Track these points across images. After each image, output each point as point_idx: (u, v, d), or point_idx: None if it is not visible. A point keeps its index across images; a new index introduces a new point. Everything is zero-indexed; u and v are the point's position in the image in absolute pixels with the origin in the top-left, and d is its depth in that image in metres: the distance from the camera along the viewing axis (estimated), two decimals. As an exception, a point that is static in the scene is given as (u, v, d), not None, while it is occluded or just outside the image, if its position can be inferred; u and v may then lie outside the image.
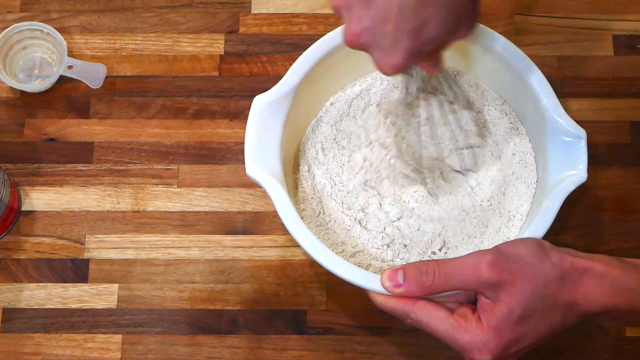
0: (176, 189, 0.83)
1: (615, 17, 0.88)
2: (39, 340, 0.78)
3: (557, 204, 0.68)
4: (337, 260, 0.67)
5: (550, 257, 0.60)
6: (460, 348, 0.61)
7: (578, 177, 0.69)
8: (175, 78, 0.86)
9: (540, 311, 0.59)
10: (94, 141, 0.84)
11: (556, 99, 0.71)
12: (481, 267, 0.59)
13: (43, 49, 0.87)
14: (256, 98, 0.72)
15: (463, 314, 0.61)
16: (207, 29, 0.88)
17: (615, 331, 0.78)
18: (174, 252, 0.80)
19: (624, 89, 0.85)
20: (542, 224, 0.68)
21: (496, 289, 0.59)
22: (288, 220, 0.68)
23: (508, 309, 0.59)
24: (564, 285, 0.59)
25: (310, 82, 0.74)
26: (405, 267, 0.63)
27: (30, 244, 0.81)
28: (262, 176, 0.69)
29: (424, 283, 0.61)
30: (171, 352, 0.78)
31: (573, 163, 0.70)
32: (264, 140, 0.71)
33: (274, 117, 0.71)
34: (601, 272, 0.60)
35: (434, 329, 0.62)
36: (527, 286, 0.59)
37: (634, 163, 0.83)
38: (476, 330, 0.59)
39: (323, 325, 0.78)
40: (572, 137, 0.70)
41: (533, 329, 0.59)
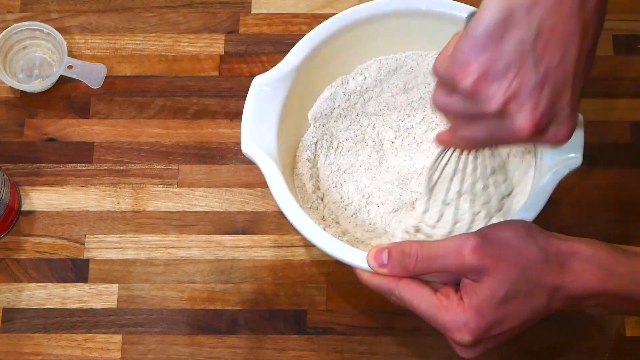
0: (176, 189, 0.83)
1: (615, 17, 0.88)
2: (39, 340, 0.78)
3: (550, 187, 0.68)
4: (326, 237, 0.67)
5: (537, 240, 0.59)
6: (441, 327, 0.60)
7: (574, 161, 0.69)
8: (175, 78, 0.86)
9: (524, 293, 0.58)
10: (94, 141, 0.84)
11: None
12: (464, 251, 0.59)
13: (43, 49, 0.87)
14: (255, 78, 0.72)
15: (445, 293, 0.61)
16: (207, 29, 0.88)
17: (615, 331, 0.78)
18: (174, 252, 0.80)
19: (624, 89, 0.85)
20: (534, 206, 0.67)
21: (479, 273, 0.59)
22: (280, 196, 0.68)
23: (490, 291, 0.58)
24: (550, 268, 0.59)
25: (313, 65, 0.74)
26: (390, 248, 0.63)
27: (30, 244, 0.81)
28: (256, 153, 0.69)
29: (407, 265, 0.61)
30: (171, 352, 0.78)
31: (569, 147, 0.69)
32: (261, 119, 0.71)
33: (272, 97, 0.72)
34: (589, 256, 0.59)
35: (416, 307, 0.61)
36: (510, 269, 0.58)
37: (634, 163, 0.83)
38: (457, 309, 0.59)
39: (323, 325, 0.78)
40: None
41: (516, 311, 0.59)
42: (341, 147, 0.77)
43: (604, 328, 0.78)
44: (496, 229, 0.61)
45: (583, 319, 0.78)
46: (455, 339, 0.60)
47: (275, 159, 0.70)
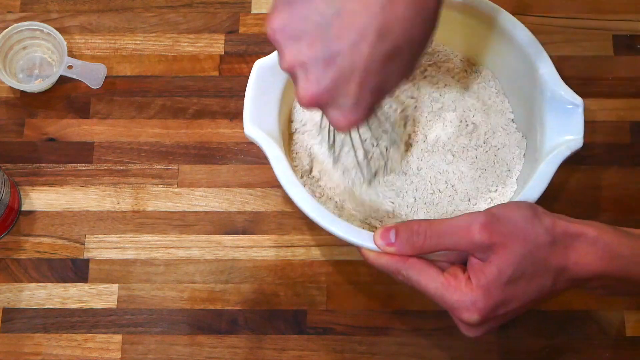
0: (176, 189, 0.83)
1: (615, 17, 0.88)
2: (39, 340, 0.78)
3: (552, 167, 0.69)
4: (332, 219, 0.67)
5: (543, 221, 0.60)
6: (449, 307, 0.60)
7: (575, 142, 0.70)
8: (175, 78, 0.86)
9: (530, 274, 0.59)
10: (94, 141, 0.84)
11: (553, 68, 0.72)
12: (473, 228, 0.59)
13: (43, 49, 0.87)
14: (257, 62, 0.73)
15: (453, 273, 0.61)
16: (207, 29, 0.88)
17: (615, 331, 0.78)
18: (174, 252, 0.80)
19: (624, 89, 0.85)
20: (537, 187, 0.68)
21: (487, 251, 0.59)
22: (284, 178, 0.69)
23: (498, 270, 0.59)
24: (555, 249, 0.59)
25: None
26: (397, 226, 0.63)
27: (30, 244, 0.81)
28: (259, 135, 0.70)
29: (415, 243, 0.61)
30: (171, 352, 0.78)
31: (570, 129, 0.70)
32: (262, 103, 0.72)
33: (273, 81, 0.72)
34: (593, 238, 0.60)
35: (423, 286, 0.61)
36: (518, 249, 0.59)
37: (634, 163, 0.83)
38: (465, 289, 0.59)
39: (323, 325, 0.78)
40: (570, 104, 0.71)
41: (522, 291, 0.59)
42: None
43: (604, 328, 0.78)
44: (504, 209, 0.61)
45: (583, 319, 0.78)
46: (463, 318, 0.60)
47: (277, 140, 0.70)
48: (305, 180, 0.75)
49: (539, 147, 0.72)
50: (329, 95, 0.57)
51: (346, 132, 0.72)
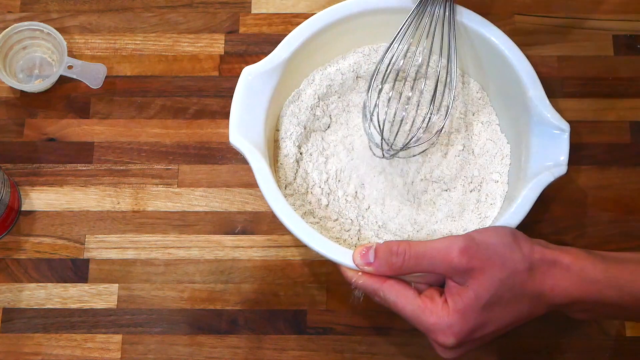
0: (176, 189, 0.83)
1: (615, 17, 0.88)
2: (39, 340, 0.78)
3: (534, 193, 0.69)
4: (313, 234, 0.67)
5: (521, 248, 0.60)
6: (425, 330, 0.61)
7: (558, 169, 0.70)
8: (175, 78, 0.86)
9: (507, 300, 0.60)
10: (94, 141, 0.84)
11: (543, 92, 0.72)
12: (452, 252, 0.60)
13: (43, 49, 0.87)
14: (245, 68, 0.72)
15: (430, 296, 0.61)
16: (207, 29, 0.88)
17: (615, 331, 0.78)
18: (174, 252, 0.80)
19: (624, 89, 0.85)
20: (518, 213, 0.68)
21: (465, 275, 0.60)
22: (267, 191, 0.68)
23: (475, 295, 0.59)
24: (533, 275, 0.60)
25: (301, 57, 0.74)
26: (377, 246, 0.63)
27: (30, 244, 0.81)
28: (244, 146, 0.69)
29: (393, 264, 0.62)
30: (171, 352, 0.78)
31: (555, 155, 0.70)
32: (249, 111, 0.71)
33: (261, 89, 0.72)
34: (568, 264, 0.60)
35: (400, 308, 0.62)
36: (496, 274, 0.59)
37: (634, 163, 0.83)
38: (441, 312, 0.60)
39: (323, 325, 0.78)
40: (557, 129, 0.71)
41: (499, 316, 0.60)
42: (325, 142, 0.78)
43: (604, 328, 0.78)
44: (483, 234, 0.62)
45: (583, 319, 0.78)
46: (439, 341, 0.60)
47: (262, 150, 0.70)
48: (288, 191, 0.75)
49: (523, 168, 0.72)
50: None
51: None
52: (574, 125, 0.84)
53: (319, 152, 0.77)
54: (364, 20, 0.76)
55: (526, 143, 0.72)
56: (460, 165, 0.77)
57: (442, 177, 0.76)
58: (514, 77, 0.73)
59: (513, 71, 0.73)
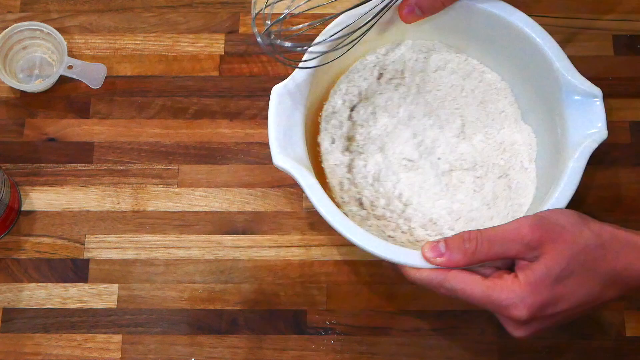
0: (176, 189, 0.83)
1: (615, 17, 0.88)
2: (39, 340, 0.78)
3: (582, 163, 0.69)
4: (378, 243, 0.67)
5: (590, 226, 0.61)
6: (497, 306, 0.60)
7: (599, 134, 0.70)
8: (175, 78, 0.86)
9: (579, 275, 0.59)
10: (94, 141, 0.84)
11: (569, 61, 0.72)
12: (523, 229, 0.60)
13: (43, 49, 0.87)
14: (275, 88, 0.71)
15: (498, 275, 0.61)
16: (207, 29, 0.88)
17: (615, 331, 0.78)
18: (174, 252, 0.80)
19: (624, 89, 0.85)
20: (571, 184, 0.68)
21: (536, 250, 0.60)
22: (322, 207, 0.67)
23: (546, 267, 0.59)
24: (605, 253, 0.60)
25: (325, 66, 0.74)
26: (446, 238, 0.64)
27: (30, 244, 0.81)
28: (290, 165, 0.68)
29: (467, 250, 0.62)
30: (171, 352, 0.78)
31: (592, 122, 0.70)
32: (286, 129, 0.70)
33: (293, 105, 0.71)
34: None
35: (469, 294, 0.61)
36: (567, 248, 0.59)
37: (634, 163, 0.83)
38: (513, 286, 0.60)
39: (323, 325, 0.78)
40: (588, 96, 0.71)
41: (570, 292, 0.59)
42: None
43: (604, 328, 0.78)
44: (551, 212, 0.62)
45: (583, 319, 0.78)
46: (512, 315, 0.60)
47: (307, 165, 0.69)
48: (340, 200, 0.74)
49: (562, 141, 0.71)
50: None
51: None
52: (574, 125, 0.84)
53: (358, 158, 0.77)
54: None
55: (560, 116, 0.72)
56: (487, 153, 0.77)
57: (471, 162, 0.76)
58: (537, 52, 0.73)
59: (535, 47, 0.73)
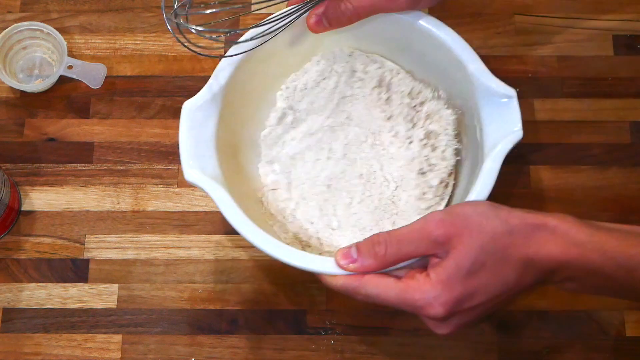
0: (176, 189, 0.83)
1: (615, 17, 0.88)
2: (39, 340, 0.78)
3: (496, 164, 0.68)
4: (290, 251, 0.67)
5: (498, 214, 0.60)
6: (412, 307, 0.61)
7: (514, 135, 0.69)
8: (175, 78, 0.86)
9: (490, 265, 0.59)
10: (94, 141, 0.84)
11: (482, 64, 0.71)
12: (430, 225, 0.60)
13: (43, 49, 0.87)
14: (185, 103, 0.71)
15: (410, 276, 0.61)
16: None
17: (615, 331, 0.78)
18: (174, 252, 0.80)
19: (624, 89, 0.85)
20: (485, 186, 0.67)
21: (445, 246, 0.60)
22: (234, 219, 0.68)
23: (456, 263, 0.59)
24: (514, 239, 0.59)
25: (241, 82, 0.74)
26: (357, 243, 0.63)
27: (30, 244, 0.81)
28: (200, 179, 0.68)
29: (377, 253, 0.62)
30: (171, 352, 0.78)
31: (508, 123, 0.69)
32: (198, 144, 0.70)
33: (205, 120, 0.71)
34: (553, 227, 0.60)
35: (384, 298, 0.62)
36: (475, 240, 0.59)
37: (634, 163, 0.83)
38: (425, 286, 0.60)
39: (323, 325, 0.78)
40: (504, 97, 0.70)
41: (484, 283, 0.59)
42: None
43: (604, 328, 0.78)
44: (459, 206, 0.62)
45: (583, 319, 0.78)
46: (429, 314, 0.60)
47: (219, 179, 0.69)
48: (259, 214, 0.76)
49: (480, 144, 0.71)
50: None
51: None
52: (574, 125, 0.84)
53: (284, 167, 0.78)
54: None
55: (478, 119, 0.71)
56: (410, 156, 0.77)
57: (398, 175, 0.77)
58: (451, 56, 0.72)
59: (449, 51, 0.72)
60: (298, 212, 0.76)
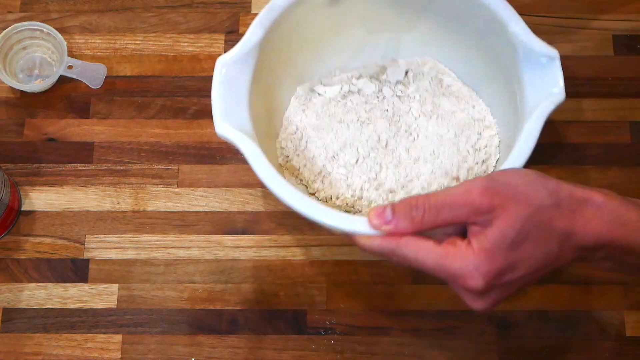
0: (176, 189, 0.83)
1: (615, 17, 0.88)
2: (39, 340, 0.78)
3: (538, 124, 0.66)
4: (320, 209, 0.65)
5: (546, 185, 0.57)
6: (451, 276, 0.57)
7: (557, 96, 0.68)
8: (175, 78, 0.86)
9: (535, 237, 0.56)
10: (94, 141, 0.84)
11: (523, 23, 0.70)
12: (473, 193, 0.57)
13: (43, 49, 0.87)
14: (219, 58, 0.70)
15: (452, 242, 0.58)
16: (207, 29, 0.88)
17: (615, 331, 0.78)
18: (174, 252, 0.80)
19: (624, 89, 0.85)
20: (526, 145, 0.66)
21: (488, 214, 0.56)
22: (263, 173, 0.66)
23: (500, 232, 0.56)
24: (561, 212, 0.57)
25: (277, 38, 0.73)
26: (393, 204, 0.60)
27: (30, 244, 0.81)
28: (231, 133, 0.68)
29: (414, 217, 0.58)
30: (171, 352, 0.78)
31: (549, 84, 0.68)
32: (230, 99, 0.69)
33: (239, 76, 0.70)
34: (600, 203, 0.57)
35: (421, 262, 0.58)
36: (521, 210, 0.56)
37: (634, 163, 0.83)
38: (466, 254, 0.56)
39: (323, 325, 0.78)
40: (545, 57, 0.69)
41: (527, 256, 0.56)
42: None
43: (604, 328, 0.78)
44: (504, 174, 0.59)
45: (583, 318, 0.78)
46: (468, 285, 0.57)
47: (251, 134, 0.69)
48: (290, 166, 0.76)
49: (520, 107, 0.70)
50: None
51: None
52: (575, 125, 0.84)
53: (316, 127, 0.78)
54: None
55: (518, 81, 0.70)
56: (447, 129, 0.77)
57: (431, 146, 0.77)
58: (492, 18, 0.71)
59: (490, 12, 0.71)
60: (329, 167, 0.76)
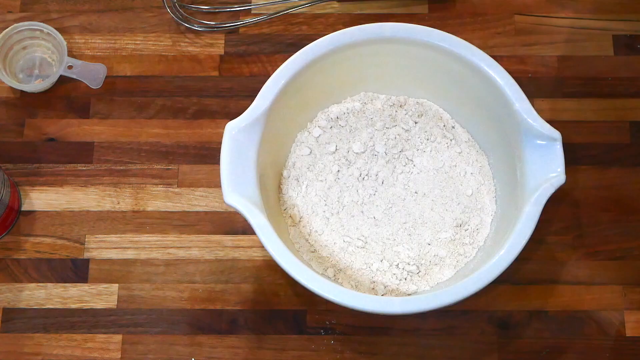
0: (176, 189, 0.83)
1: (615, 17, 0.88)
2: (39, 340, 0.78)
3: (538, 208, 0.68)
4: (328, 286, 0.67)
5: None
6: None
7: (557, 179, 0.69)
8: (175, 78, 0.86)
9: None
10: (94, 141, 0.84)
11: (528, 103, 0.71)
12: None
13: (43, 49, 0.87)
14: (228, 124, 0.71)
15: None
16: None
17: (615, 331, 0.78)
18: (174, 252, 0.80)
19: (624, 89, 0.85)
20: (526, 229, 0.68)
21: None
22: (273, 247, 0.68)
23: None
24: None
25: (283, 104, 0.74)
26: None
27: (30, 244, 0.81)
28: (240, 203, 0.68)
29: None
30: (171, 352, 0.78)
31: (550, 166, 0.70)
32: (239, 166, 0.70)
33: (248, 142, 0.71)
34: None
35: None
36: None
37: (634, 163, 0.83)
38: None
39: (323, 325, 0.78)
40: (547, 139, 0.70)
41: None
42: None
43: (604, 328, 0.78)
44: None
45: (583, 318, 0.78)
46: None
47: (259, 204, 0.69)
48: (294, 234, 0.76)
49: (520, 184, 0.71)
50: None
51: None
52: (574, 125, 0.84)
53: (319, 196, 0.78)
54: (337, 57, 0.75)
55: (520, 159, 0.72)
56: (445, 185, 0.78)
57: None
58: (496, 92, 0.72)
59: (494, 86, 0.72)
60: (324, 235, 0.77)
